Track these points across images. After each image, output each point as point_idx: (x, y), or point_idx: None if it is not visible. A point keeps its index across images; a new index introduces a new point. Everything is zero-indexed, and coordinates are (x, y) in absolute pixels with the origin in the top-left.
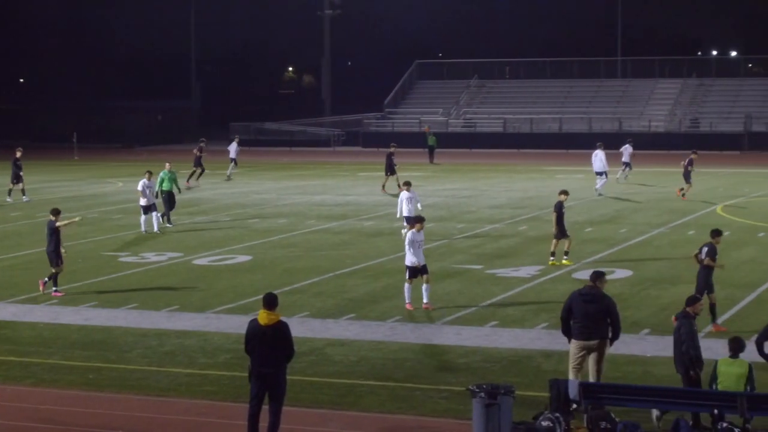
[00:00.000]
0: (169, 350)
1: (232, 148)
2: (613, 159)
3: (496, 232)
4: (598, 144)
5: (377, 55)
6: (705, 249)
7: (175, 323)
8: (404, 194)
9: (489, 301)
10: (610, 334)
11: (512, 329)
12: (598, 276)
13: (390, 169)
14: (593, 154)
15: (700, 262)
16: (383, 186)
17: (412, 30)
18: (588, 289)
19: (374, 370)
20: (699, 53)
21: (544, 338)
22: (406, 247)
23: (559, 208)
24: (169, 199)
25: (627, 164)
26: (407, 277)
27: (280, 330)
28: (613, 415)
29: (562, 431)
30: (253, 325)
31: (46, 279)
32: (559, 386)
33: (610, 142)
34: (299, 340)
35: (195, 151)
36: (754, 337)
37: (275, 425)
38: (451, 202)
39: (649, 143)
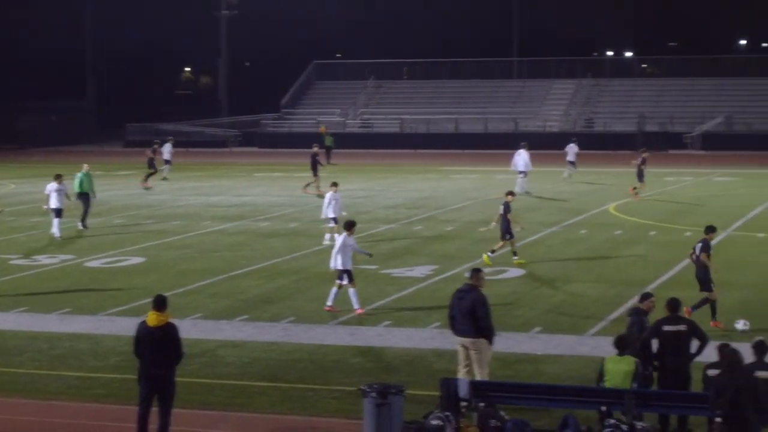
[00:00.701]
0: (60, 353)
1: (166, 150)
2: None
3: (391, 233)
4: (522, 144)
5: (274, 56)
6: (699, 246)
7: (67, 326)
8: (330, 195)
9: (383, 301)
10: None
11: (405, 329)
12: (474, 273)
13: (315, 170)
14: (516, 154)
15: (696, 260)
16: (317, 187)
17: (310, 30)
18: (464, 286)
19: (267, 371)
20: (594, 54)
21: (437, 338)
22: (335, 250)
23: (506, 208)
24: (85, 201)
25: (572, 163)
26: (337, 280)
27: (169, 332)
28: (502, 413)
29: (452, 430)
30: (142, 327)
31: None
32: (449, 385)
33: (506, 142)
34: (191, 342)
35: (148, 152)
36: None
37: (165, 427)
38: (347, 203)
39: (545, 143)
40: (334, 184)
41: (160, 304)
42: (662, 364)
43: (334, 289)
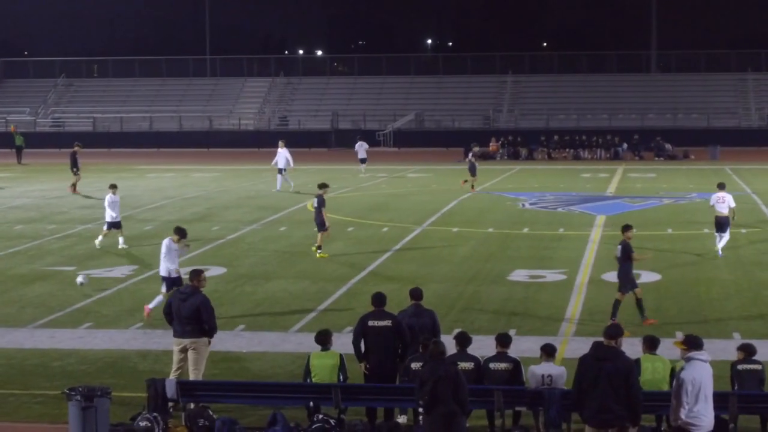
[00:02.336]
0: None
1: None
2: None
3: (88, 233)
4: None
5: None
6: (619, 247)
7: None
8: (109, 197)
9: (82, 303)
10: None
11: (107, 330)
12: (195, 274)
13: (75, 168)
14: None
15: (619, 260)
16: (74, 185)
17: None
18: (186, 288)
19: None
20: (286, 52)
21: (140, 338)
22: (162, 255)
23: (320, 202)
24: None
25: (364, 160)
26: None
27: None
28: (211, 412)
29: (161, 430)
30: None
31: None
32: (156, 385)
33: (201, 140)
34: None
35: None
36: (347, 330)
37: None
38: (41, 203)
39: (241, 141)
40: (113, 186)
41: None
42: (368, 358)
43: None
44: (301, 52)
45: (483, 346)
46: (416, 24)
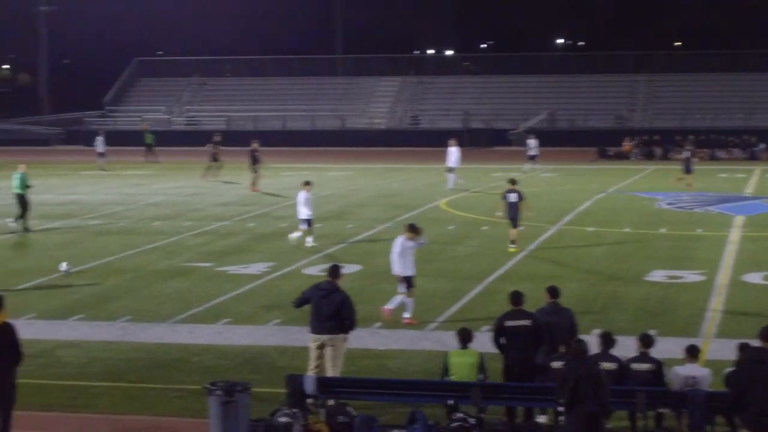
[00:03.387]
0: None
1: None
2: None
3: (224, 230)
4: (450, 141)
5: (96, 53)
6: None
7: None
8: (302, 195)
9: (220, 299)
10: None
11: (245, 326)
12: (334, 270)
13: (254, 165)
14: (449, 152)
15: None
16: (253, 183)
17: (132, 27)
18: (325, 284)
19: (106, 371)
20: (416, 52)
21: (278, 334)
22: (395, 255)
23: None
24: (21, 202)
25: (534, 157)
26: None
27: (6, 333)
28: (350, 409)
29: (300, 426)
30: None
31: None
32: (295, 381)
33: (334, 140)
34: (27, 343)
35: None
36: (485, 328)
37: (6, 431)
38: (177, 200)
39: (372, 140)
40: (307, 183)
41: None
42: (507, 358)
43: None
44: (431, 51)
45: (623, 347)
46: (546, 23)
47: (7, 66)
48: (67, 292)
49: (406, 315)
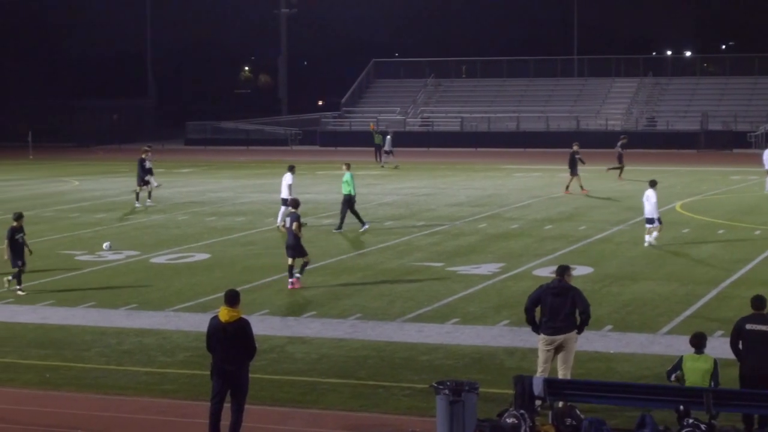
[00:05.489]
0: (128, 349)
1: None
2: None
3: (455, 230)
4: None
5: (334, 54)
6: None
7: (134, 321)
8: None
9: (450, 299)
10: (577, 329)
11: (474, 326)
12: (564, 270)
13: (573, 169)
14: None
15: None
16: (567, 187)
17: (368, 29)
18: (556, 283)
19: (336, 368)
20: (654, 53)
21: (507, 335)
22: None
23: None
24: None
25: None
26: None
27: (241, 327)
28: (578, 412)
29: (527, 428)
30: (214, 322)
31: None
32: (523, 383)
33: (568, 141)
34: (260, 338)
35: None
36: (718, 334)
37: (238, 423)
38: (410, 201)
39: (607, 142)
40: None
41: (232, 299)
42: (745, 363)
43: None
44: (669, 52)
45: None
46: None
47: (248, 68)
48: (300, 289)
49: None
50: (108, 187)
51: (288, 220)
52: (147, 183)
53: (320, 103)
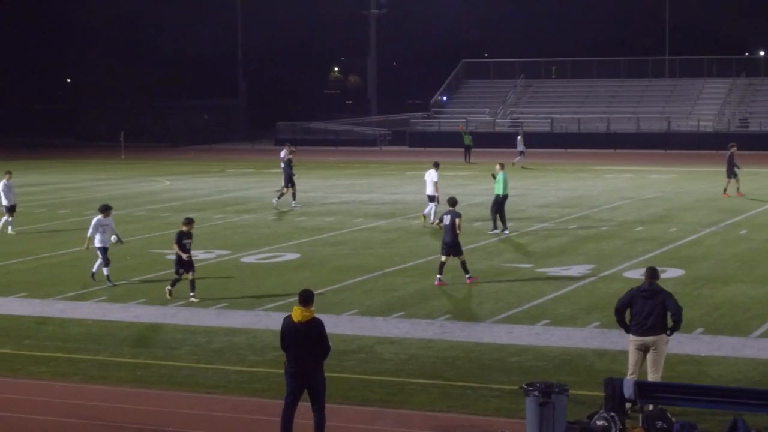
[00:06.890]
0: (218, 347)
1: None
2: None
3: (545, 231)
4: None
5: (423, 55)
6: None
7: (224, 320)
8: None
9: (539, 300)
10: (668, 331)
11: (564, 328)
12: (653, 272)
13: (731, 172)
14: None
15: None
16: (725, 189)
17: (458, 29)
18: (647, 286)
19: (424, 369)
20: (746, 53)
21: (597, 337)
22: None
23: None
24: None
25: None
26: None
27: (314, 327)
28: (669, 415)
29: (617, 431)
30: (287, 321)
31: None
32: (614, 385)
33: (658, 141)
34: (348, 338)
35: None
36: None
37: (321, 423)
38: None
39: (699, 143)
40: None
41: (306, 299)
42: None
43: None
44: (762, 53)
45: None
46: None
47: (337, 68)
48: (389, 290)
49: None
50: (199, 187)
51: (447, 217)
52: (293, 184)
53: (410, 102)
